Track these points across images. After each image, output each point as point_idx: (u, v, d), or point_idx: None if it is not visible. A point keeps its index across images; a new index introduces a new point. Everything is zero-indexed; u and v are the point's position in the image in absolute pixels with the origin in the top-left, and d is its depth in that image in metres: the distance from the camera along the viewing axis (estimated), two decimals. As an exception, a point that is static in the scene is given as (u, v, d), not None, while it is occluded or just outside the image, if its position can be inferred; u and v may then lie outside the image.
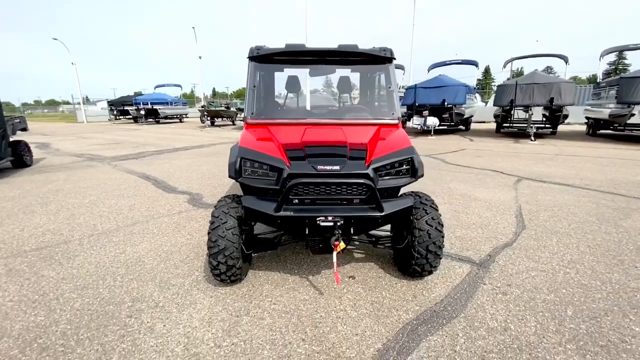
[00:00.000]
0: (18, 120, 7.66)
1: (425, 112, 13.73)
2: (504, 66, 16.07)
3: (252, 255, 2.80)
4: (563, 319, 2.06)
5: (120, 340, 1.92)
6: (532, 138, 11.44)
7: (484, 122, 20.55)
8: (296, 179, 2.06)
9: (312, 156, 2.26)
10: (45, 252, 3.11)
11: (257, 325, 2.04)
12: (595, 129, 12.65)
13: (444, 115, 14.26)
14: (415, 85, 14.40)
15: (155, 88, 28.80)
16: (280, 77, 3.37)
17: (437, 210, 2.41)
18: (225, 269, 2.25)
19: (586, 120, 13.48)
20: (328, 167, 2.13)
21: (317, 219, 2.06)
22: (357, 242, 3.15)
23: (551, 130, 12.93)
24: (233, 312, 2.16)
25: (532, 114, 11.50)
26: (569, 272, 2.64)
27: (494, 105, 13.23)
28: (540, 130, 12.78)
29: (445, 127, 15.23)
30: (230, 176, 2.32)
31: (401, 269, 2.57)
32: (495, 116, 13.69)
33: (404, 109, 15.80)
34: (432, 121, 13.68)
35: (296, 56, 2.96)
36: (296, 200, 2.19)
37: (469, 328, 1.99)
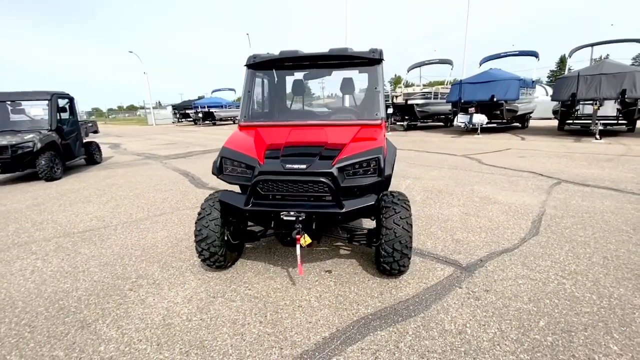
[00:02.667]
0: (90, 124, 9.10)
1: (472, 109, 12.88)
2: (570, 55, 14.30)
3: (244, 245, 3.07)
4: (530, 329, 1.95)
5: (117, 308, 2.31)
6: (597, 136, 10.08)
7: (550, 118, 18.44)
8: (260, 176, 2.26)
9: (287, 155, 2.45)
10: (87, 234, 3.75)
11: (227, 306, 2.28)
12: (687, 125, 10.67)
13: (494, 112, 13.25)
14: (461, 80, 13.58)
15: (212, 92, 31.30)
16: (273, 82, 3.58)
17: (408, 209, 2.42)
18: (209, 255, 2.54)
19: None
20: (295, 166, 2.29)
21: (281, 213, 2.23)
22: (354, 242, 3.23)
23: (627, 127, 11.20)
24: (211, 293, 2.44)
25: (598, 109, 10.11)
26: (565, 283, 2.42)
27: (552, 100, 11.91)
28: (610, 127, 11.18)
29: (495, 125, 14.09)
30: (212, 173, 2.61)
31: (377, 267, 2.61)
32: (554, 112, 12.29)
33: (449, 107, 15.04)
34: (479, 119, 12.79)
35: (290, 62, 3.16)
36: (271, 196, 2.39)
37: (422, 328, 1.99)
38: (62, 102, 7.46)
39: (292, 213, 2.21)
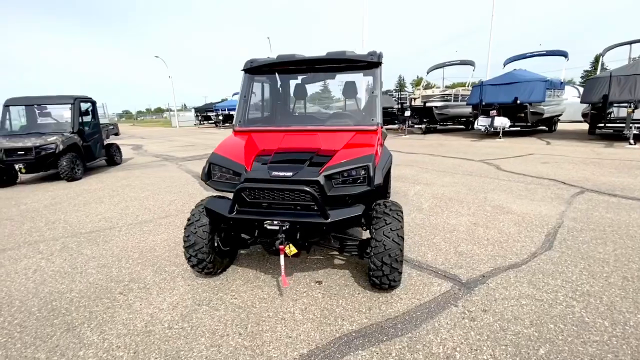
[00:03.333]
0: (112, 127, 9.48)
1: (493, 112, 12.36)
2: (603, 55, 13.44)
3: (237, 251, 3.04)
4: (528, 357, 1.77)
5: (104, 311, 2.33)
6: (632, 141, 9.36)
7: (581, 121, 17.34)
8: (244, 183, 2.21)
9: (276, 162, 2.39)
10: (93, 235, 3.86)
11: (210, 315, 2.24)
12: None
13: (518, 115, 12.66)
14: (482, 82, 13.07)
15: (232, 95, 31.97)
16: (271, 86, 3.54)
17: (400, 221, 2.28)
18: (197, 261, 2.52)
19: None
20: (281, 174, 2.22)
21: (265, 222, 2.17)
22: (345, 253, 3.12)
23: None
24: (197, 301, 2.41)
25: (633, 111, 9.40)
26: (574, 305, 2.20)
27: (581, 102, 11.20)
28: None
29: (519, 129, 13.46)
30: (201, 179, 2.59)
31: (368, 280, 2.49)
32: (584, 115, 11.58)
33: (469, 109, 14.53)
34: (501, 122, 12.25)
35: (287, 66, 3.11)
36: (257, 204, 2.33)
37: (407, 349, 1.86)
38: (84, 106, 7.81)
39: (275, 222, 2.14)
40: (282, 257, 2.21)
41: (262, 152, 2.60)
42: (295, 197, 2.22)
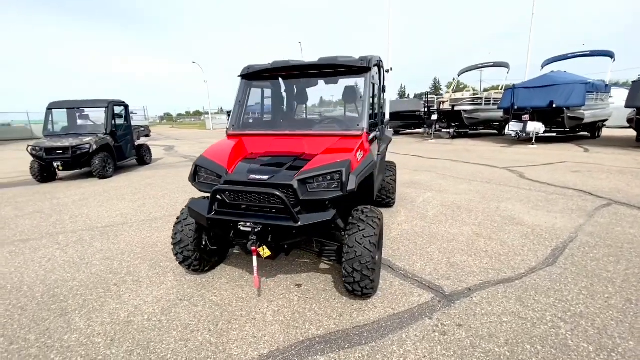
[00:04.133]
0: (143, 129, 10.14)
1: (526, 117, 11.64)
2: (656, 54, 12.20)
3: (228, 250, 3.14)
4: (491, 377, 1.67)
5: (96, 300, 2.52)
6: (685, 150, 8.40)
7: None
8: (219, 186, 2.29)
9: (259, 165, 2.46)
10: (107, 229, 4.16)
11: (188, 310, 2.35)
12: None
13: (556, 120, 11.83)
14: (514, 85, 12.37)
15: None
16: (271, 92, 3.62)
17: (375, 228, 2.25)
18: (183, 258, 2.65)
19: None
20: (257, 177, 2.28)
21: (239, 223, 2.24)
22: (323, 258, 3.08)
23: None
24: (180, 296, 2.54)
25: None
26: (561, 326, 2.04)
27: (625, 106, 10.24)
28: None
29: (555, 135, 12.55)
30: (188, 180, 2.72)
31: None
32: (629, 120, 10.57)
33: (500, 113, 13.81)
34: (534, 127, 11.51)
35: (281, 72, 3.18)
36: (236, 206, 2.41)
37: (366, 359, 1.83)
38: (118, 109, 8.45)
39: (248, 224, 2.20)
40: (254, 258, 2.26)
41: (249, 155, 2.69)
42: (270, 200, 2.27)
